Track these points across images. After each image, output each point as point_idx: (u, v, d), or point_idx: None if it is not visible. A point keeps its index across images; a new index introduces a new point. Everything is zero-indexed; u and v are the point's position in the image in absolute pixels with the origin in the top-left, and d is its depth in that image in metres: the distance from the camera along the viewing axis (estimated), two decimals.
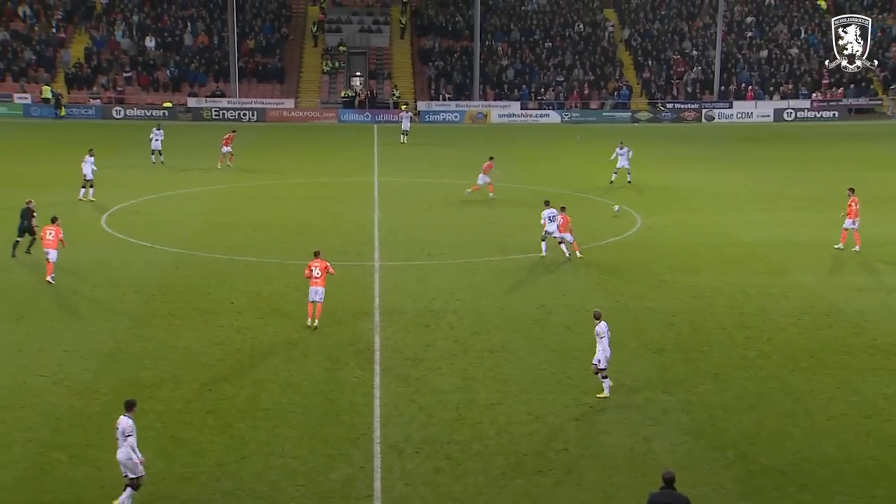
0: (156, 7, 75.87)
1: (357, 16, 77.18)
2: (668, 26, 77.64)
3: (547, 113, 69.42)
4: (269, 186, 41.90)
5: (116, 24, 73.53)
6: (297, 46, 75.04)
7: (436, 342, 22.05)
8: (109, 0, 75.60)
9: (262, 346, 21.62)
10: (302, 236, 32.03)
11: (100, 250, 29.87)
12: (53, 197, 37.68)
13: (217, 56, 72.00)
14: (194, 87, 70.11)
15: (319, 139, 58.54)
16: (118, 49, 71.76)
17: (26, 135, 57.75)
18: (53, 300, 24.57)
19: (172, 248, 30.26)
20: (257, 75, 71.69)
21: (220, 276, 27.11)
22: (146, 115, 66.38)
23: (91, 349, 21.08)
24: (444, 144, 57.14)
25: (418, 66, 74.28)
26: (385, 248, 30.85)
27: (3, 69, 69.35)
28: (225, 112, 67.39)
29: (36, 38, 71.65)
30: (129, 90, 69.81)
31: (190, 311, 23.96)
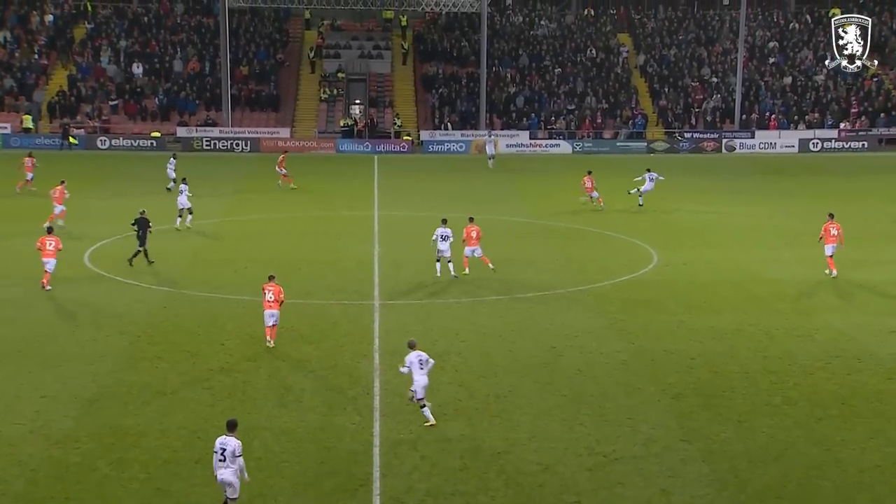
0: (144, 32, 76.67)
1: (357, 41, 77.91)
2: (686, 52, 78.26)
3: (557, 143, 69.79)
4: (263, 220, 42.06)
5: (102, 49, 74.26)
6: (294, 73, 75.69)
7: (439, 386, 22.02)
8: (94, 25, 76.44)
9: (254, 391, 21.61)
10: (298, 273, 32.11)
11: (82, 288, 29.97)
12: (33, 229, 37.86)
13: (209, 83, 72.61)
14: (184, 116, 70.64)
15: (317, 170, 58.82)
16: (104, 76, 72.42)
17: (4, 167, 58.06)
18: (32, 342, 24.60)
19: (160, 286, 30.35)
20: (251, 103, 72.26)
21: (210, 316, 27.16)
22: (133, 146, 66.86)
23: (71, 395, 21.08)
24: (448, 176, 57.38)
25: (421, 94, 74.85)
26: (385, 286, 30.91)
27: None
28: (217, 142, 67.85)
29: (17, 66, 72.35)
30: (115, 119, 70.34)
31: (178, 354, 23.98)
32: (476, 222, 32.67)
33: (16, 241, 36.31)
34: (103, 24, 76.94)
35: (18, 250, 34.66)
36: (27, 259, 33.29)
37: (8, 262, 33.22)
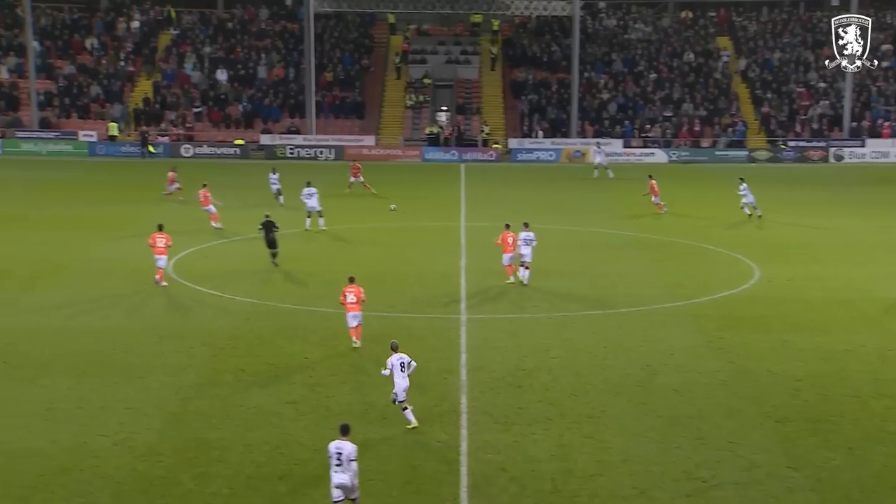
0: (228, 38, 78.28)
1: (444, 46, 78.34)
2: (791, 55, 76.77)
3: (652, 151, 69.08)
4: (347, 231, 42.49)
5: (187, 56, 76.04)
6: (379, 79, 76.45)
7: (529, 404, 21.95)
8: (180, 31, 78.35)
9: (337, 406, 21.82)
10: (382, 286, 32.34)
11: (166, 300, 30.66)
12: (116, 243, 38.93)
13: (292, 89, 73.78)
14: (268, 123, 71.88)
15: (402, 179, 59.25)
16: (188, 83, 74.15)
17: (90, 175, 59.86)
18: (116, 353, 25.25)
19: (243, 297, 30.89)
20: (335, 110, 73.19)
21: (293, 329, 27.53)
22: (216, 154, 68.26)
23: (155, 407, 21.58)
24: (537, 186, 57.25)
25: (510, 100, 74.88)
26: (473, 300, 30.95)
27: (68, 105, 72.21)
28: (300, 150, 68.85)
29: (103, 73, 74.54)
30: (199, 126, 71.93)
31: (261, 367, 24.37)
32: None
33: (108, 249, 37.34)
34: (188, 31, 78.82)
35: (110, 264, 35.67)
36: (114, 270, 34.25)
37: (98, 274, 34.18)
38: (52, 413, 21.07)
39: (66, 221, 43.31)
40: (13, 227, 41.84)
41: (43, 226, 42.21)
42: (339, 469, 16.34)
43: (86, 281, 32.62)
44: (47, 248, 37.49)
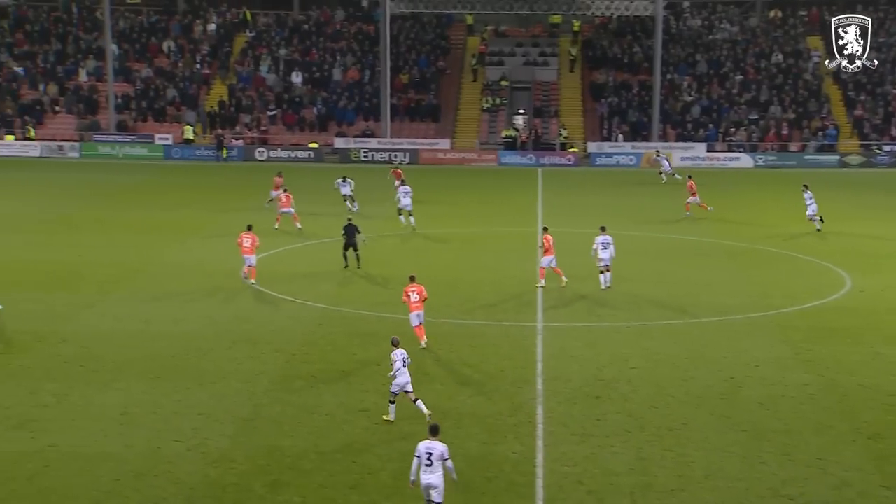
0: (304, 40, 79.24)
1: (522, 47, 78.28)
2: (889, 55, 74.99)
3: (737, 156, 68.12)
4: (421, 236, 42.66)
5: (262, 58, 77.16)
6: (455, 81, 76.67)
7: (607, 416, 21.80)
8: (255, 34, 79.56)
9: (410, 415, 21.90)
10: (455, 292, 32.42)
11: (239, 304, 31.12)
12: (191, 247, 39.63)
13: (367, 92, 74.38)
14: (342, 126, 72.57)
15: (477, 184, 59.33)
16: (263, 85, 75.23)
17: (165, 178, 61.05)
18: (189, 357, 25.69)
19: (316, 302, 31.20)
20: (410, 113, 73.60)
21: (365, 335, 27.72)
22: (290, 157, 69.11)
23: (228, 413, 21.90)
24: (617, 191, 56.87)
25: (589, 103, 74.51)
26: (549, 307, 30.84)
27: (145, 108, 73.78)
28: (374, 153, 69.37)
29: (179, 75, 76.01)
30: (273, 129, 72.92)
31: (333, 374, 24.59)
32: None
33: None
34: (263, 33, 79.98)
35: (184, 261, 36.35)
36: (188, 274, 34.88)
37: (172, 278, 34.84)
38: (127, 417, 21.52)
39: (141, 225, 44.23)
40: (89, 231, 42.86)
41: (118, 229, 43.16)
42: (428, 469, 16.71)
43: (160, 285, 33.26)
44: (123, 251, 38.32)
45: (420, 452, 16.81)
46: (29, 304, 30.30)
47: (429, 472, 16.71)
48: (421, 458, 16.77)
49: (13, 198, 51.69)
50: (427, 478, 16.70)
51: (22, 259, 36.76)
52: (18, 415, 21.39)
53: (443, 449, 16.81)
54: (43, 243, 39.51)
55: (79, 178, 59.94)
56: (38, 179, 58.72)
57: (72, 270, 35.11)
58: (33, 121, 72.15)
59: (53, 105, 74.22)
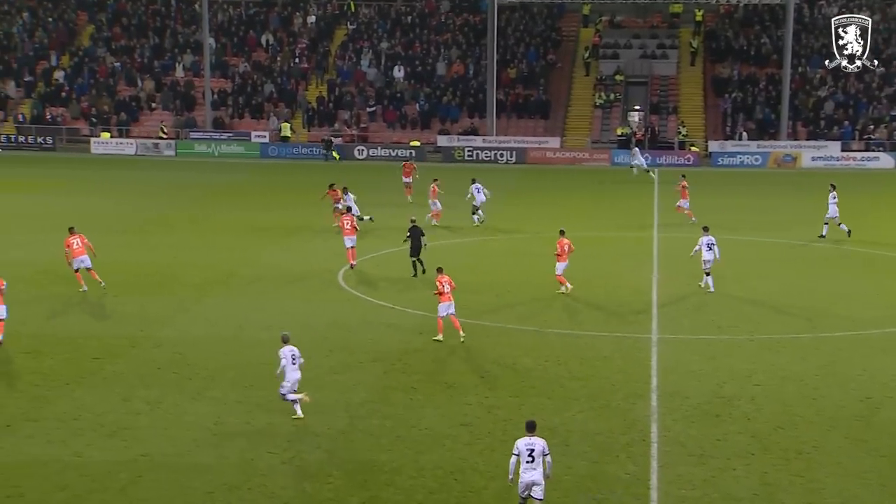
0: (407, 33, 79.85)
1: (638, 39, 77.56)
2: None
3: (876, 156, 66.31)
4: (528, 240, 42.58)
5: (363, 52, 78.01)
6: (566, 75, 76.38)
7: (727, 436, 21.41)
8: (356, 26, 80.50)
9: (515, 430, 21.79)
10: (563, 301, 32.26)
11: (335, 310, 31.48)
12: (288, 249, 40.24)
13: (472, 87, 74.59)
14: (446, 124, 72.90)
15: (588, 185, 58.96)
16: (363, 80, 76.05)
17: (261, 177, 62.20)
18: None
19: (415, 309, 31.34)
20: (518, 109, 73.58)
21: (468, 345, 27.75)
22: (391, 156, 69.73)
23: (324, 425, 22.14)
24: (739, 191, 55.86)
25: (711, 99, 73.44)
26: (665, 318, 30.47)
27: (241, 104, 75.29)
28: (479, 152, 69.55)
29: (277, 70, 77.36)
30: (373, 127, 73.66)
31: (434, 385, 24.67)
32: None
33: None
34: (364, 25, 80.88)
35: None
36: (285, 278, 35.40)
37: (268, 282, 35.43)
38: (220, 427, 21.94)
39: (237, 226, 45.12)
40: (184, 232, 43.90)
41: (214, 230, 44.11)
42: (530, 465, 17.17)
43: (256, 289, 33.86)
44: (218, 253, 39.15)
45: (520, 450, 17.23)
46: (124, 307, 31.18)
47: (531, 469, 17.16)
48: (521, 455, 17.19)
49: (109, 197, 53.25)
50: (530, 475, 17.13)
51: (117, 260, 37.79)
52: (111, 422, 21.98)
53: (543, 444, 17.34)
54: (138, 244, 40.59)
55: (174, 177, 61.51)
56: (133, 178, 60.41)
57: (167, 272, 35.99)
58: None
59: (150, 101, 76.25)
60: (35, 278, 34.73)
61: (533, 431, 17.51)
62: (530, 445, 17.27)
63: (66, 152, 71.95)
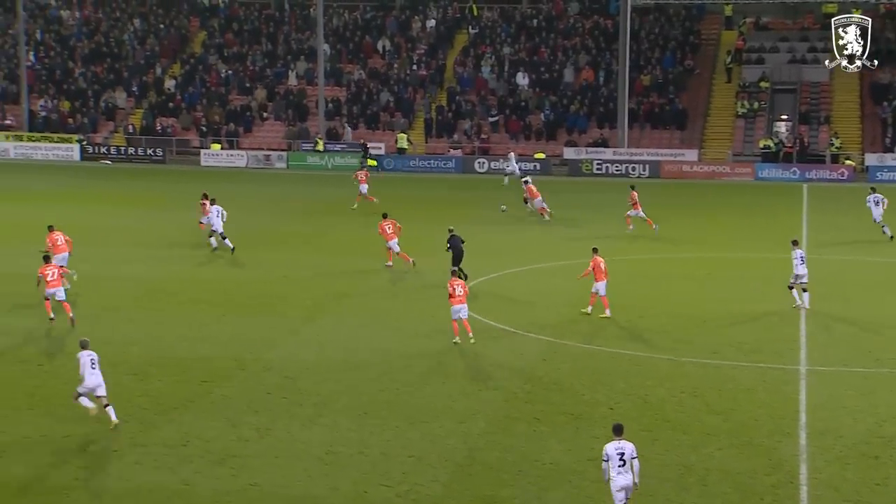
0: (532, 37, 79.96)
1: (787, 42, 76.27)
2: None
3: None
4: (661, 261, 42.17)
5: (485, 58, 78.36)
6: (705, 82, 75.54)
7: (888, 480, 20.83)
8: (478, 30, 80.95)
9: (648, 467, 21.59)
10: (701, 327, 31.87)
11: (452, 333, 31.61)
12: (401, 270, 40.58)
13: (602, 95, 74.28)
14: (573, 135, 72.73)
15: (729, 202, 58.12)
16: (485, 88, 76.39)
17: (377, 191, 62.82)
18: (399, 394, 26.25)
19: (539, 334, 31.30)
20: (652, 119, 73.02)
21: (597, 374, 27.61)
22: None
23: (441, 456, 22.24)
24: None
25: (869, 107, 71.76)
26: (815, 348, 29.85)
27: (356, 114, 76.33)
28: (608, 165, 69.20)
29: (394, 78, 78.24)
30: (495, 137, 73.88)
31: (559, 416, 24.57)
32: None
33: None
34: (487, 29, 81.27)
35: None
36: (398, 299, 35.68)
37: (382, 302, 35.81)
38: (332, 457, 22.21)
39: (349, 243, 45.69)
40: (293, 249, 44.62)
41: (325, 247, 44.70)
42: (622, 470, 18.02)
43: (369, 310, 34.22)
44: (330, 272, 39.68)
45: (610, 454, 18.10)
46: (232, 328, 31.85)
47: (624, 473, 18.01)
48: (612, 459, 18.05)
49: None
50: (624, 479, 18.01)
51: (225, 278, 38.69)
52: (220, 449, 22.45)
53: (632, 447, 18.22)
54: (246, 261, 41.35)
55: (285, 191, 62.59)
56: (243, 192, 61.61)
57: (276, 292, 36.64)
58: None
59: (261, 111, 77.89)
60: (143, 297, 35.76)
61: (620, 435, 18.35)
62: (620, 449, 18.09)
63: (175, 164, 73.92)
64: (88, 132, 76.77)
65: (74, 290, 33.94)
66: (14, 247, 42.57)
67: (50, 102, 78.99)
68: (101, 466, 21.59)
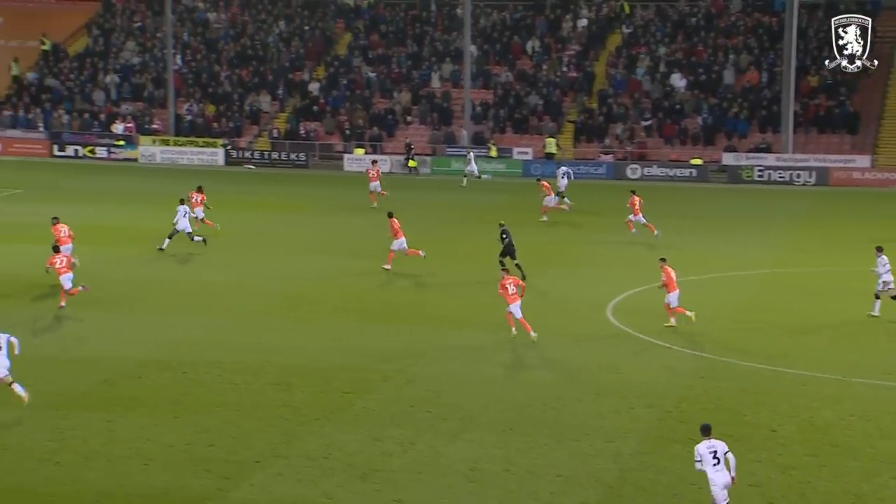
0: (690, 36, 78.95)
1: None
2: None
3: None
4: (828, 274, 41.21)
5: (639, 59, 77.68)
6: (879, 83, 73.43)
7: None
8: (632, 30, 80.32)
9: (813, 495, 21.17)
10: (873, 346, 31.11)
11: (603, 347, 31.46)
12: (551, 280, 40.46)
13: (765, 98, 72.89)
14: (733, 139, 71.55)
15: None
16: (639, 90, 75.72)
17: (525, 199, 62.83)
18: (547, 410, 26.17)
19: (695, 350, 30.92)
20: (819, 123, 71.35)
21: (758, 394, 27.15)
22: (668, 175, 69.05)
23: (590, 476, 22.12)
24: None
25: None
26: None
27: (503, 117, 76.49)
28: (771, 172, 67.91)
29: (543, 80, 78.17)
30: (649, 142, 73.18)
31: (719, 437, 24.14)
32: None
33: None
34: (641, 28, 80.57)
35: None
36: (547, 310, 35.64)
37: (527, 311, 35.85)
38: (477, 474, 22.29)
39: (488, 252, 45.62)
40: (438, 258, 44.72)
41: (470, 257, 44.63)
42: (718, 468, 18.87)
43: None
44: (475, 282, 39.80)
45: (702, 454, 19.00)
46: (376, 339, 32.21)
47: (719, 471, 18.84)
48: (704, 459, 18.94)
49: (358, 217, 55.03)
50: (723, 476, 18.86)
51: (366, 287, 39.11)
52: (362, 463, 22.74)
53: (724, 445, 19.10)
54: (392, 272, 41.55)
55: (428, 197, 62.94)
56: (384, 197, 62.17)
57: (420, 302, 36.98)
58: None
59: (405, 114, 78.68)
60: (285, 304, 36.46)
61: (709, 434, 19.23)
62: (712, 448, 18.97)
63: (318, 169, 75.15)
64: (233, 136, 78.68)
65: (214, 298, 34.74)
66: (157, 252, 43.84)
67: (195, 106, 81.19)
68: (244, 477, 22.08)
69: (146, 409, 25.96)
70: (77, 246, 38.84)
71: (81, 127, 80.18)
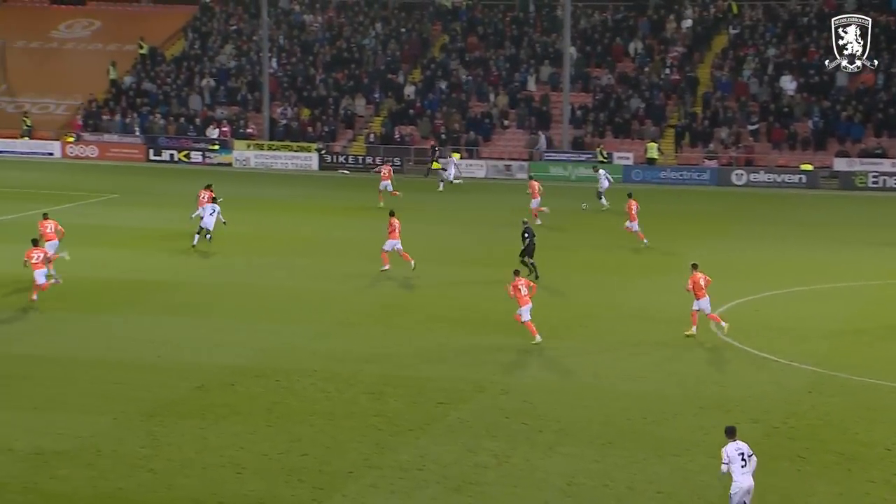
0: (801, 36, 77.73)
1: None
2: None
3: None
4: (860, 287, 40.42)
5: (746, 60, 76.70)
6: None
7: None
8: (739, 30, 79.39)
9: None
10: None
11: (708, 361, 31.24)
12: (650, 290, 40.27)
13: (881, 100, 71.51)
14: (845, 144, 70.31)
15: None
16: (745, 93, 74.77)
17: (619, 205, 62.49)
18: (647, 424, 26.03)
19: (805, 364, 30.49)
20: None
21: (872, 410, 26.79)
22: (775, 181, 68.06)
23: (693, 493, 21.94)
24: None
25: None
26: None
27: (603, 121, 76.07)
28: (887, 178, 66.68)
29: (645, 83, 77.60)
30: (756, 147, 72.21)
31: (827, 455, 23.89)
32: None
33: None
34: (749, 29, 79.58)
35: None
36: (647, 321, 35.43)
37: (631, 324, 35.61)
38: (574, 489, 22.23)
39: (593, 261, 45.47)
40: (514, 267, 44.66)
41: (567, 265, 44.27)
42: (745, 470, 19.33)
43: (614, 333, 33.96)
44: (572, 291, 39.71)
45: (731, 456, 19.42)
46: (470, 348, 32.30)
47: (746, 474, 19.29)
48: (733, 461, 19.34)
49: (453, 225, 55.08)
50: (747, 480, 19.30)
51: (460, 295, 39.10)
52: (456, 475, 22.81)
53: (748, 446, 19.60)
54: (481, 278, 41.21)
55: (521, 202, 62.72)
56: (479, 203, 62.18)
57: (508, 311, 36.93)
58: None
59: (502, 118, 78.67)
60: (378, 312, 36.74)
61: (734, 436, 19.67)
62: (740, 449, 19.43)
63: (413, 175, 75.44)
64: (328, 141, 79.35)
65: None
66: (248, 257, 44.42)
67: (290, 110, 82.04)
68: (336, 488, 22.28)
69: (239, 416, 26.32)
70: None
71: (177, 131, 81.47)
